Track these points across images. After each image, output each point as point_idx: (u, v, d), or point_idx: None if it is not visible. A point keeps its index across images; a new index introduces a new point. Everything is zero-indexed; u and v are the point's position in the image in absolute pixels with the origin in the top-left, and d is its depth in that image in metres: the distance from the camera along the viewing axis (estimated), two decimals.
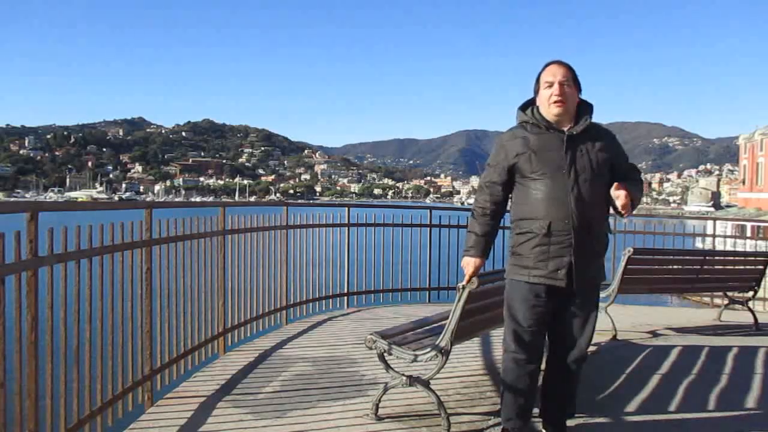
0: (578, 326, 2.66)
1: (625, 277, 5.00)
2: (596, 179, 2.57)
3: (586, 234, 2.54)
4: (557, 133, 2.61)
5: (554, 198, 2.54)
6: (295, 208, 5.62)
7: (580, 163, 2.56)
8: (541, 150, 2.59)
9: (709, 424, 3.11)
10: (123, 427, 2.99)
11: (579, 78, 2.67)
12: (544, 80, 2.64)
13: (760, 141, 50.45)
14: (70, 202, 9.99)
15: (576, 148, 2.58)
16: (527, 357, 2.66)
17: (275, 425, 2.99)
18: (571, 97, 2.62)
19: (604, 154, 2.61)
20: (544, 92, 2.63)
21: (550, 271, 2.56)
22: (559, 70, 2.62)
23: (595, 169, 2.57)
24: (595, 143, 2.61)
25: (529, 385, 2.69)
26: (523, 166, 2.62)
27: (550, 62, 2.68)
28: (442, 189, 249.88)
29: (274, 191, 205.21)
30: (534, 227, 2.58)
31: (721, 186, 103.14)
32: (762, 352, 4.57)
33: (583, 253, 2.54)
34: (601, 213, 2.61)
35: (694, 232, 8.33)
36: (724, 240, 8.00)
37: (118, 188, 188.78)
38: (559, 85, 2.59)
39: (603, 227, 2.64)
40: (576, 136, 2.59)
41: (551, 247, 2.55)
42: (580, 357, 2.69)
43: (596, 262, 2.64)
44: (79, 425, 2.79)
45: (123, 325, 3.20)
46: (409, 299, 6.74)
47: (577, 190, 2.53)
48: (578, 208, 2.52)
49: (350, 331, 5.10)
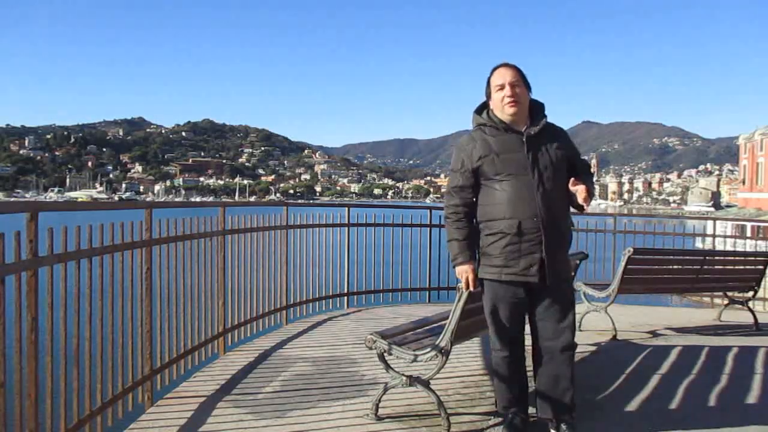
0: (559, 318, 2.73)
1: (625, 277, 5.00)
2: (557, 176, 2.70)
3: (554, 230, 2.66)
4: (516, 134, 2.72)
5: (521, 197, 2.65)
6: (295, 208, 5.62)
7: (541, 162, 2.68)
8: (503, 151, 2.70)
9: (709, 424, 3.11)
10: (123, 427, 2.99)
11: (528, 79, 2.79)
12: (495, 83, 2.76)
13: (760, 141, 50.45)
14: (70, 202, 9.99)
15: (536, 147, 2.70)
16: (509, 352, 2.80)
17: (275, 425, 2.99)
18: (523, 97, 2.74)
19: (562, 151, 2.74)
20: (496, 95, 2.75)
21: (522, 269, 2.66)
22: (508, 72, 2.74)
23: (555, 167, 2.70)
24: (553, 142, 2.74)
25: (519, 377, 2.83)
26: (487, 168, 2.71)
27: (498, 66, 2.79)
28: (442, 189, 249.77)
29: (274, 191, 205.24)
30: (503, 227, 2.67)
31: (721, 186, 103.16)
32: (762, 352, 4.57)
33: (553, 248, 2.66)
34: (563, 208, 2.75)
35: (694, 232, 8.33)
36: (724, 240, 8.01)
37: (118, 188, 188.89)
38: (510, 87, 2.71)
39: (567, 222, 2.79)
40: (534, 135, 2.71)
41: (522, 245, 2.65)
42: (568, 345, 2.73)
43: (564, 255, 2.77)
44: (79, 425, 2.79)
45: (123, 325, 3.20)
46: (409, 299, 6.74)
47: (542, 188, 2.65)
48: (545, 205, 2.64)
49: (350, 331, 5.10)
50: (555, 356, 2.73)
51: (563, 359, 2.73)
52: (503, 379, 2.82)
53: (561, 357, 2.73)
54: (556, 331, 2.72)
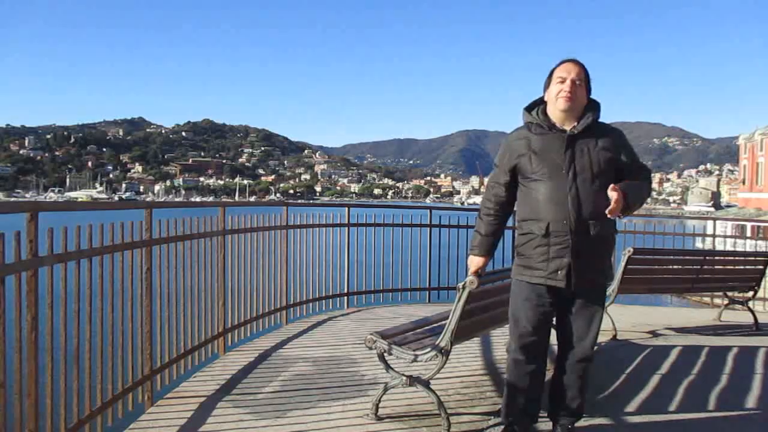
0: (581, 327, 2.66)
1: (625, 277, 4.99)
2: (597, 179, 2.53)
3: (585, 235, 2.52)
4: (559, 134, 2.59)
5: (553, 199, 2.54)
6: (295, 208, 5.62)
7: (579, 163, 2.54)
8: (542, 151, 2.59)
9: (709, 424, 3.11)
10: (123, 427, 2.99)
11: (590, 80, 2.65)
12: (558, 76, 2.62)
13: (760, 141, 50.44)
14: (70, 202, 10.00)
15: (576, 147, 2.56)
16: (526, 357, 2.67)
17: (275, 425, 2.99)
18: (580, 96, 2.60)
19: (607, 153, 2.57)
20: (555, 87, 2.61)
21: (551, 272, 2.56)
22: (574, 68, 2.61)
23: (595, 169, 2.54)
24: (598, 142, 2.58)
25: (529, 386, 2.70)
26: (524, 166, 2.63)
27: (565, 59, 2.66)
28: (442, 189, 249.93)
29: (274, 191, 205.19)
30: (534, 228, 2.59)
31: (721, 186, 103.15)
32: (762, 352, 4.57)
33: (582, 253, 2.53)
34: (602, 214, 2.52)
35: (694, 232, 8.33)
36: (724, 240, 8.00)
37: (118, 188, 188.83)
38: (571, 82, 2.57)
39: (605, 228, 2.57)
40: (577, 135, 2.57)
41: (551, 248, 2.55)
42: (584, 357, 2.68)
43: (598, 263, 2.61)
44: (79, 425, 2.79)
45: (123, 325, 3.19)
46: (409, 299, 6.74)
47: (575, 190, 2.51)
48: (576, 208, 2.50)
49: (350, 331, 5.10)
50: (570, 365, 2.71)
51: (578, 369, 2.70)
52: (511, 385, 2.73)
53: (576, 367, 2.70)
54: (577, 340, 2.67)
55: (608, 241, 2.63)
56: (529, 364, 2.68)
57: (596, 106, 2.66)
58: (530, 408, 2.77)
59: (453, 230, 6.96)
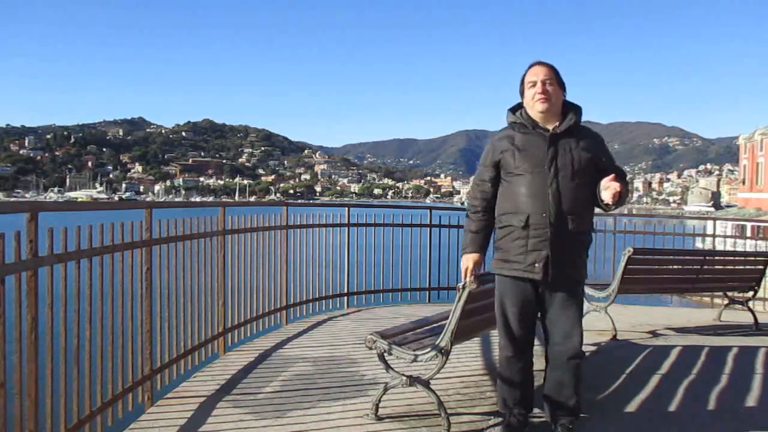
0: (566, 325, 2.72)
1: (625, 277, 4.99)
2: (577, 176, 2.64)
3: (563, 228, 2.61)
4: (542, 132, 2.71)
5: (534, 193, 2.63)
6: (295, 208, 5.62)
7: (561, 160, 2.65)
8: (525, 147, 2.70)
9: (709, 424, 3.11)
10: (123, 427, 2.99)
11: (562, 78, 2.76)
12: (528, 81, 2.75)
13: (760, 141, 50.42)
14: (70, 202, 9.99)
15: (559, 146, 2.67)
16: (515, 351, 2.78)
17: (275, 425, 2.99)
18: (555, 95, 2.71)
19: (587, 153, 2.69)
20: (528, 92, 2.74)
21: (528, 264, 2.65)
22: (541, 70, 2.73)
23: (576, 167, 2.65)
24: (579, 142, 2.70)
25: (521, 379, 2.81)
26: (508, 161, 2.72)
27: (532, 63, 2.79)
28: (442, 189, 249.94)
29: (274, 191, 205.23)
30: (514, 221, 2.67)
31: (721, 186, 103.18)
32: (762, 352, 4.57)
33: (560, 247, 2.62)
34: (580, 210, 2.65)
35: (694, 232, 8.32)
36: (724, 240, 8.00)
37: (118, 188, 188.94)
38: (542, 84, 2.69)
39: (582, 225, 2.67)
40: (560, 134, 2.69)
41: (529, 240, 2.64)
42: (575, 354, 2.72)
43: (575, 258, 2.69)
44: (79, 425, 2.79)
45: (123, 325, 3.20)
46: (409, 299, 6.74)
47: (556, 185, 2.62)
48: (556, 202, 2.61)
49: (350, 331, 5.10)
50: (562, 363, 2.75)
51: (569, 367, 2.74)
52: (505, 378, 2.83)
53: (567, 365, 2.73)
54: (565, 337, 2.72)
55: (584, 237, 2.73)
56: (517, 358, 2.78)
57: (578, 110, 2.78)
58: (524, 398, 2.84)
59: (453, 230, 6.96)
